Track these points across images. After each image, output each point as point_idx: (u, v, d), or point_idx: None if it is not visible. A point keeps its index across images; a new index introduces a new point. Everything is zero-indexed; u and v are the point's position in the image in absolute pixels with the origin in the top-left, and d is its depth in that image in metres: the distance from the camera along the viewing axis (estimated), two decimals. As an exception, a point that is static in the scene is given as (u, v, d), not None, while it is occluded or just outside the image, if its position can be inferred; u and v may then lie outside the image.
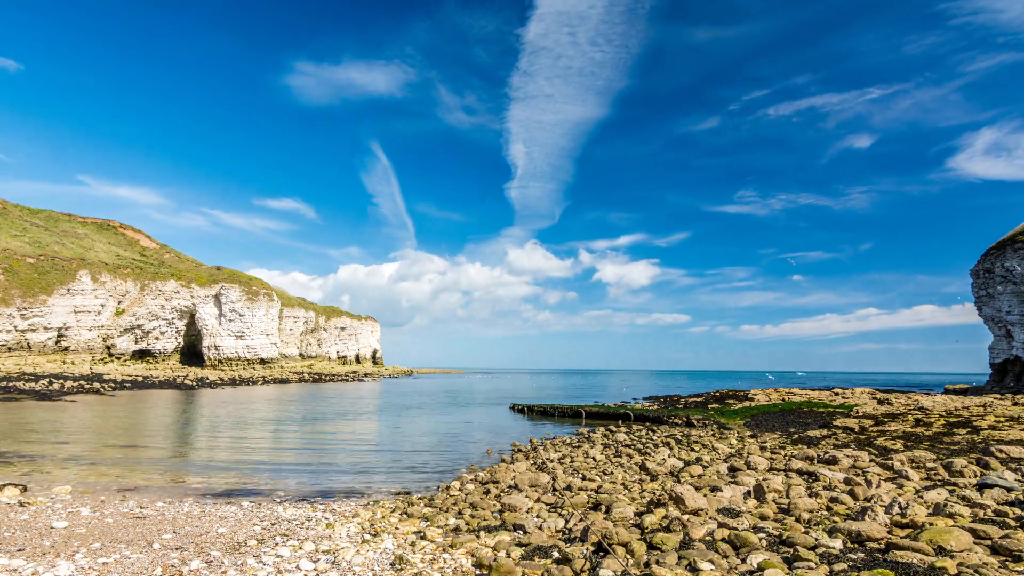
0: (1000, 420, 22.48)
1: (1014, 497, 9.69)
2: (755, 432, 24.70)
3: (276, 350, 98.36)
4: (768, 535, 7.88)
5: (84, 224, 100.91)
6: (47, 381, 50.48)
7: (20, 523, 9.24)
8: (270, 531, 9.23)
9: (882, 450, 17.05)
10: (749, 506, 10.10)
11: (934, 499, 9.79)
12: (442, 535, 9.07)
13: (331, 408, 39.46)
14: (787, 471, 13.43)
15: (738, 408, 35.52)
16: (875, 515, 8.27)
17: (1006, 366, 54.97)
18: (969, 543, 7.02)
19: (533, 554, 7.64)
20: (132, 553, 7.77)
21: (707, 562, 6.76)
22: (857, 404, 36.44)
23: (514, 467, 15.42)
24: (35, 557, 7.46)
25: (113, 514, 10.14)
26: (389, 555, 7.89)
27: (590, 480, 13.60)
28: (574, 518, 9.44)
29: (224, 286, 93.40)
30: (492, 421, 32.37)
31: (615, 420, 32.34)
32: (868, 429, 22.58)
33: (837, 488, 11.11)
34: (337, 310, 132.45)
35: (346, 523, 9.85)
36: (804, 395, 47.94)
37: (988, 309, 56.78)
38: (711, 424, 28.71)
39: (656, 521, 8.82)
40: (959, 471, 12.55)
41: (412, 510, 10.84)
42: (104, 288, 78.03)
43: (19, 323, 66.95)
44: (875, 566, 6.45)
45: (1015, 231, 56.83)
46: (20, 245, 75.20)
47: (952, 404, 32.19)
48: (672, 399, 51.43)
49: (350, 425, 28.94)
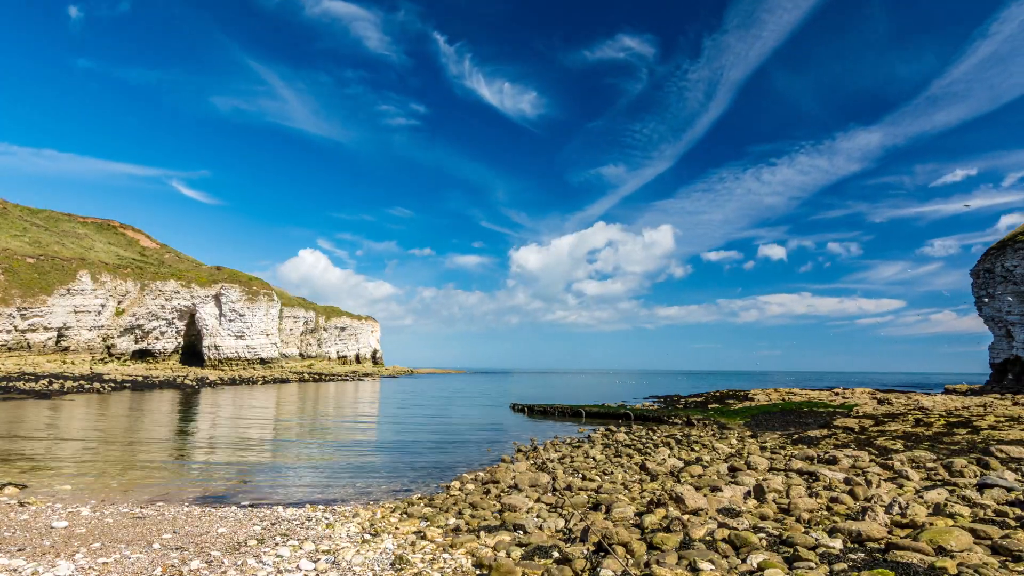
0: (1000, 420, 22.47)
1: (1014, 497, 9.69)
2: (755, 432, 24.70)
3: (276, 350, 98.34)
4: (768, 535, 7.87)
5: (84, 224, 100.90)
6: (47, 381, 50.46)
7: (20, 523, 9.23)
8: (270, 531, 9.23)
9: (882, 450, 17.05)
10: (749, 506, 10.10)
11: (934, 499, 9.78)
12: (442, 535, 9.07)
13: (331, 408, 39.45)
14: (787, 471, 13.42)
15: (738, 408, 35.52)
16: (875, 515, 8.27)
17: (1006, 366, 54.98)
18: (969, 543, 7.01)
19: (533, 554, 7.63)
20: (132, 553, 7.76)
21: (707, 562, 6.76)
22: (857, 404, 36.44)
23: (514, 467, 15.42)
24: (35, 557, 7.46)
25: (113, 514, 10.13)
26: (389, 555, 7.89)
27: (590, 480, 13.59)
28: (574, 518, 9.44)
29: (224, 286, 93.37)
30: (492, 421, 32.36)
31: (615, 420, 32.34)
32: (868, 429, 22.58)
33: (837, 488, 11.11)
34: (337, 310, 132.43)
35: (346, 523, 9.85)
36: (804, 395, 47.94)
37: (988, 309, 56.77)
38: (711, 424, 28.70)
39: (656, 521, 8.82)
40: (959, 471, 12.55)
41: (412, 510, 10.84)
42: (104, 288, 78.01)
43: (19, 323, 66.94)
44: (875, 566, 6.45)
45: (1015, 231, 56.84)
46: (20, 245, 75.18)
47: (952, 404, 32.19)
48: (672, 399, 51.45)
49: (350, 425, 28.93)
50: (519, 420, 32.91)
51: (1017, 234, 55.20)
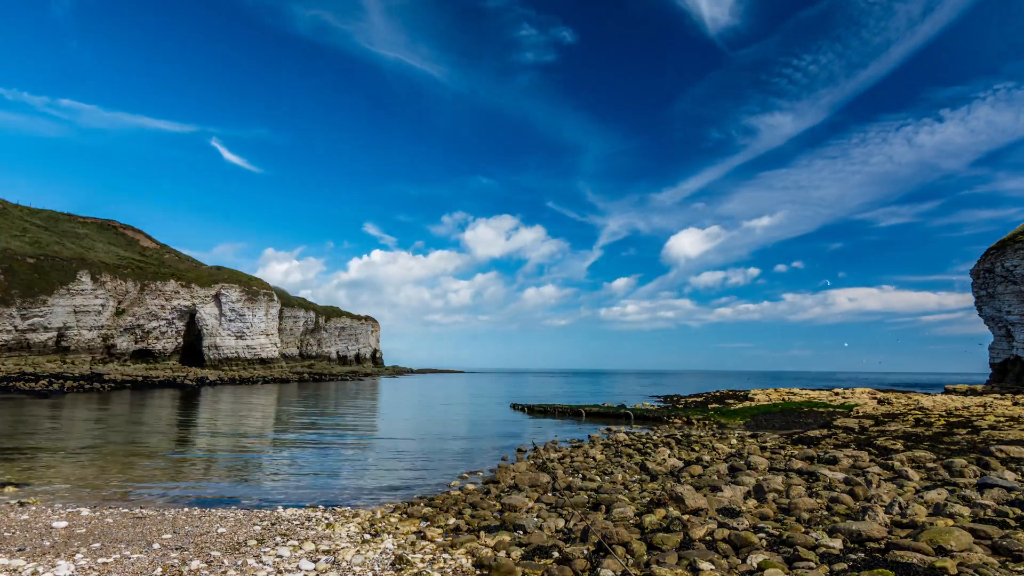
0: (1000, 420, 22.46)
1: (1014, 497, 9.68)
2: (755, 432, 24.70)
3: (276, 350, 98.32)
4: (768, 535, 7.87)
5: (84, 224, 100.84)
6: (47, 381, 50.45)
7: (20, 523, 9.23)
8: (270, 531, 9.23)
9: (882, 450, 17.04)
10: (749, 506, 10.10)
11: (934, 499, 9.78)
12: (442, 535, 9.07)
13: (330, 408, 39.45)
14: (787, 471, 13.42)
15: (738, 408, 35.52)
16: (875, 515, 8.26)
17: (1006, 366, 54.98)
18: (969, 543, 7.01)
19: (533, 554, 7.63)
20: (132, 553, 7.76)
21: (707, 562, 6.76)
22: (857, 404, 36.43)
23: (514, 467, 15.42)
24: (35, 557, 7.45)
25: (113, 514, 10.13)
26: (389, 555, 7.88)
27: (590, 480, 13.59)
28: (574, 518, 9.44)
29: (224, 286, 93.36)
30: (492, 420, 32.36)
31: (615, 420, 32.33)
32: (868, 429, 22.57)
33: (837, 488, 11.10)
34: (337, 310, 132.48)
35: (346, 523, 9.85)
36: (804, 395, 47.92)
37: (988, 309, 56.78)
38: (711, 424, 28.70)
39: (656, 521, 8.81)
40: (959, 471, 12.54)
41: (412, 510, 10.83)
42: (104, 288, 78.00)
43: (19, 323, 66.93)
44: (875, 566, 6.45)
45: (1015, 231, 56.84)
46: (20, 245, 75.16)
47: (952, 404, 32.18)
48: (672, 399, 51.44)
49: (349, 425, 28.93)
50: (519, 419, 32.90)
51: (1017, 234, 55.18)
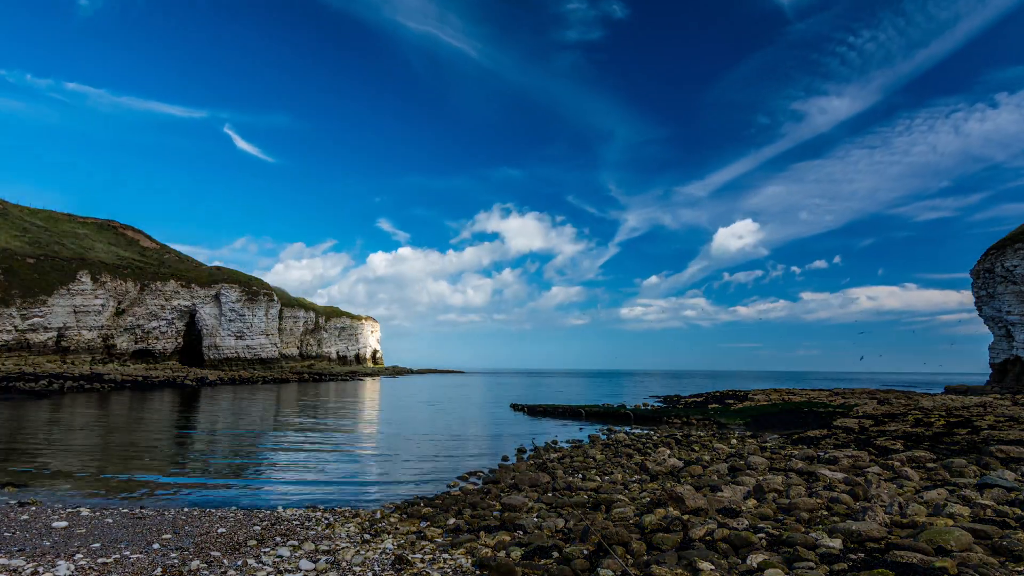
0: (1000, 420, 22.45)
1: (1014, 497, 9.69)
2: (755, 432, 24.70)
3: (276, 350, 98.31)
4: (768, 535, 7.87)
5: (84, 224, 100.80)
6: (47, 381, 50.44)
7: (20, 523, 9.23)
8: (270, 531, 9.23)
9: (882, 450, 17.05)
10: (749, 506, 10.10)
11: (934, 499, 9.78)
12: (442, 535, 9.07)
13: (330, 408, 39.44)
14: (787, 471, 13.42)
15: (738, 408, 35.51)
16: (875, 515, 8.26)
17: (1006, 366, 54.97)
18: (969, 543, 7.01)
19: (533, 554, 7.63)
20: (132, 553, 7.76)
21: (707, 562, 6.76)
22: (857, 404, 36.41)
23: (514, 467, 15.42)
24: (35, 557, 7.45)
25: (113, 514, 10.13)
26: (389, 555, 7.88)
27: (590, 480, 13.58)
28: (574, 518, 9.44)
29: (224, 286, 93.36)
30: (492, 420, 32.36)
31: (615, 420, 32.33)
32: (868, 429, 22.57)
33: (837, 488, 11.10)
34: (337, 310, 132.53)
35: (346, 523, 9.85)
36: (804, 395, 47.91)
37: (988, 309, 56.76)
38: (711, 424, 28.71)
39: (656, 521, 8.81)
40: (959, 471, 12.55)
41: (412, 510, 10.84)
42: (104, 288, 78.00)
43: (19, 323, 66.93)
44: (875, 566, 6.44)
45: (1015, 231, 56.83)
46: (20, 245, 75.16)
47: (952, 404, 32.16)
48: (672, 399, 51.43)
49: (349, 425, 28.94)
50: (519, 419, 32.90)
51: (1017, 234, 55.18)
